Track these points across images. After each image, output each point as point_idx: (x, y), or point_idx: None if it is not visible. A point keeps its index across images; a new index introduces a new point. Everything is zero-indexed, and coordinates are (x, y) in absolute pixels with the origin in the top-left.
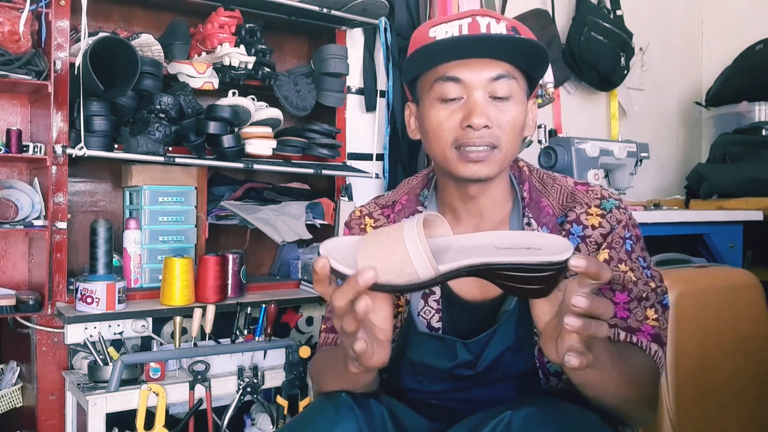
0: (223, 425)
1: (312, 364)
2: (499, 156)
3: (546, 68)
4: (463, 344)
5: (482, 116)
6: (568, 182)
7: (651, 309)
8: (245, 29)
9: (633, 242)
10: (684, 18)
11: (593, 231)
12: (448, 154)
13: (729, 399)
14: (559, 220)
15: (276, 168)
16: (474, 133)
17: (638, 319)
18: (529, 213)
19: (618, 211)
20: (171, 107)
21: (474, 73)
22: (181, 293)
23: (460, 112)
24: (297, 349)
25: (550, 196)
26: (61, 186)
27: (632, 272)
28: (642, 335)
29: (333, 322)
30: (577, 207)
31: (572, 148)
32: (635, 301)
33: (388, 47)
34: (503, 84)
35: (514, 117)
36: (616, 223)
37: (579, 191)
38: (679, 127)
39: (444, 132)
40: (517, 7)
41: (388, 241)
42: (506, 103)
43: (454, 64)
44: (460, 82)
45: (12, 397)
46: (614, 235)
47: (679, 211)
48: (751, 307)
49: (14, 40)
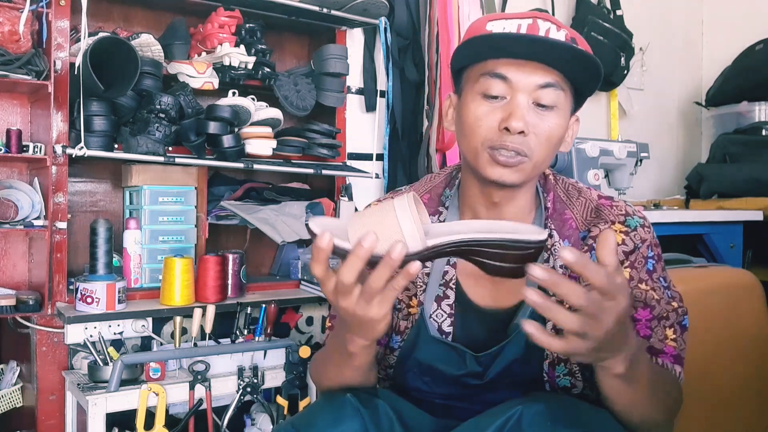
0: (223, 425)
1: (313, 362)
2: (529, 165)
3: (598, 86)
4: (474, 357)
5: (521, 120)
6: (592, 195)
7: (670, 329)
8: (245, 29)
9: (655, 261)
10: (684, 18)
11: (617, 248)
12: (480, 152)
13: (729, 399)
14: (582, 235)
15: (276, 168)
16: (509, 136)
17: (660, 339)
18: (551, 224)
19: (643, 230)
20: (171, 107)
21: (523, 75)
22: (181, 293)
23: (500, 112)
24: (297, 349)
25: (574, 209)
26: (61, 186)
27: (654, 291)
28: (665, 357)
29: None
30: (602, 224)
31: (572, 148)
32: (656, 320)
33: (388, 47)
34: (550, 93)
35: (553, 128)
36: (640, 242)
37: (604, 206)
38: (679, 127)
39: (480, 129)
40: (517, 7)
41: (380, 214)
42: (549, 113)
43: (505, 62)
44: (507, 81)
45: (12, 397)
46: (638, 254)
47: (679, 211)
48: (751, 307)
49: (14, 40)
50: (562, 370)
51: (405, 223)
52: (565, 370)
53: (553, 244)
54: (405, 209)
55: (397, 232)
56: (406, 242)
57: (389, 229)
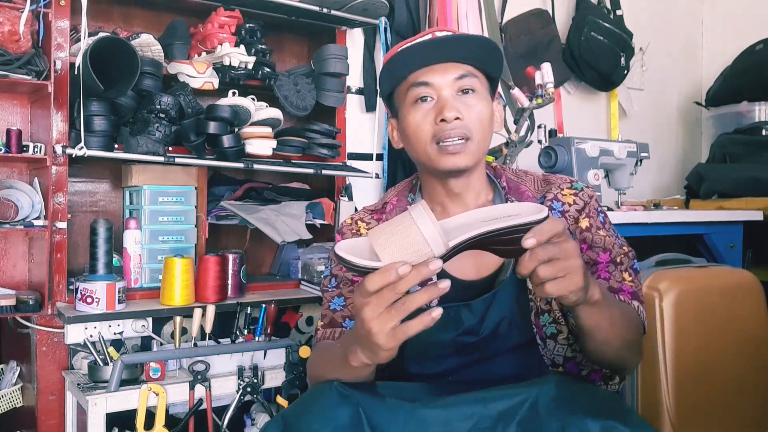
0: (223, 425)
1: (312, 359)
2: (473, 146)
3: (501, 64)
4: (467, 306)
5: (453, 110)
6: (537, 174)
7: (626, 272)
8: (245, 29)
9: (604, 215)
10: (684, 18)
11: (570, 207)
12: (429, 149)
13: (729, 399)
14: (540, 200)
15: (276, 168)
16: (448, 125)
17: (618, 281)
18: (511, 198)
19: (588, 190)
20: (171, 107)
21: (439, 76)
22: (181, 293)
23: (434, 111)
24: (297, 349)
25: (527, 183)
26: (61, 186)
27: (609, 237)
28: (624, 294)
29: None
30: (553, 188)
31: (572, 148)
32: (612, 264)
33: (388, 47)
34: (467, 81)
35: (481, 110)
36: (588, 198)
37: (550, 177)
38: (679, 127)
39: (422, 131)
40: (517, 7)
41: (400, 228)
42: (472, 98)
43: (422, 71)
44: (429, 85)
45: (12, 397)
46: (589, 207)
47: (679, 211)
48: (751, 307)
49: (14, 40)
50: (546, 319)
51: (427, 232)
52: (549, 319)
53: None
54: (424, 219)
55: (422, 241)
56: (432, 249)
57: (415, 241)
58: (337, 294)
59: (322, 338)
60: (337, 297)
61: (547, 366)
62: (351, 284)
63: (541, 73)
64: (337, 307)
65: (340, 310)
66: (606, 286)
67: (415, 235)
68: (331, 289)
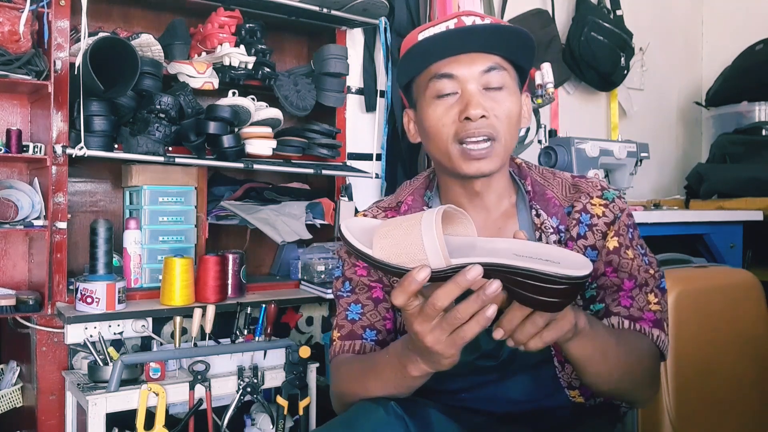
0: (223, 425)
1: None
2: (499, 148)
3: (533, 56)
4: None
5: (478, 107)
6: (566, 175)
7: (651, 294)
8: (245, 29)
9: (632, 230)
10: (684, 18)
11: (598, 220)
12: (450, 149)
13: (729, 399)
14: (567, 210)
15: (276, 168)
16: (472, 124)
17: (640, 307)
18: (536, 205)
19: (620, 201)
20: (171, 107)
21: (465, 68)
22: (181, 293)
23: (457, 107)
24: (297, 349)
25: (554, 188)
26: (61, 186)
27: (636, 259)
28: (644, 323)
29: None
30: (582, 197)
31: (572, 148)
32: (637, 288)
33: (388, 47)
34: (495, 75)
35: (509, 107)
36: (619, 212)
37: (580, 182)
38: (679, 127)
39: (444, 127)
40: (517, 7)
41: (406, 224)
42: (500, 94)
43: (446, 62)
44: (454, 78)
45: (12, 397)
46: (619, 223)
47: (679, 211)
48: (751, 307)
49: (14, 40)
50: None
51: (427, 240)
52: None
53: (542, 222)
54: (430, 225)
55: (419, 246)
56: (428, 259)
57: (413, 242)
58: (353, 301)
59: (341, 351)
60: (353, 304)
61: (563, 388)
62: (368, 290)
63: (542, 73)
64: (356, 317)
65: (359, 319)
66: (625, 314)
67: (415, 238)
68: (346, 295)
